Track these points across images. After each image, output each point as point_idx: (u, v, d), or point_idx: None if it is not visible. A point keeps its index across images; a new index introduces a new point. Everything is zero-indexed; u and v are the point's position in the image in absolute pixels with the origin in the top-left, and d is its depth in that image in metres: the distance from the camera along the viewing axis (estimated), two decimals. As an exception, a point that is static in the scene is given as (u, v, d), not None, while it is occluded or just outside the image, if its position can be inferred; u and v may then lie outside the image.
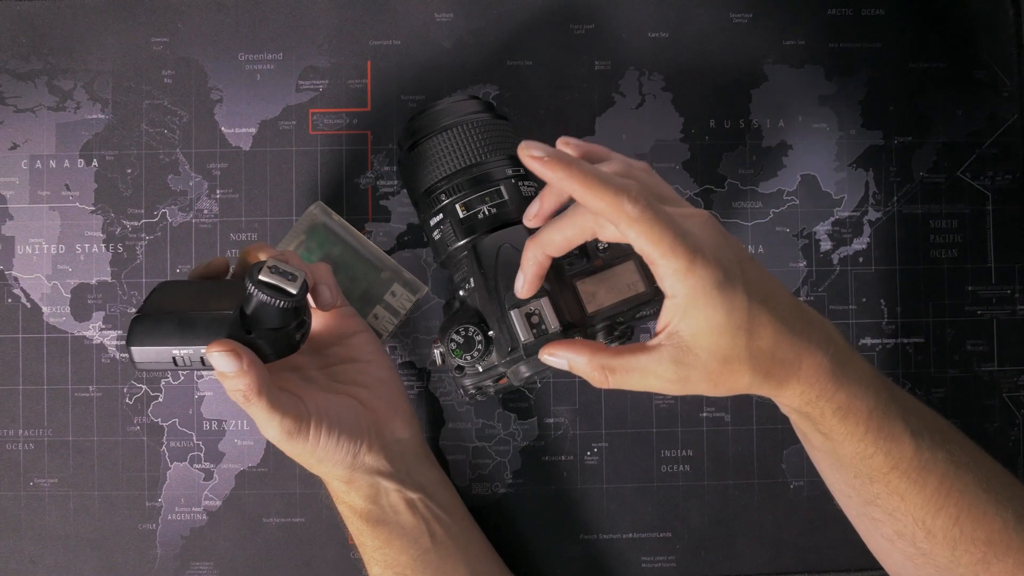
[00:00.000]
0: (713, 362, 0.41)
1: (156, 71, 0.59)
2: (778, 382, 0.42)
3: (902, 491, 0.44)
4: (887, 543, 0.46)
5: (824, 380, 0.42)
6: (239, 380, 0.44)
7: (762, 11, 0.60)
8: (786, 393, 0.42)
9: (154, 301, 0.47)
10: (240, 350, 0.44)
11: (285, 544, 0.58)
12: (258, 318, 0.46)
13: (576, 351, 0.43)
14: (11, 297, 0.58)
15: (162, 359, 0.45)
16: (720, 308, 0.40)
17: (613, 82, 0.60)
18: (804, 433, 0.46)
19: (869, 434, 0.43)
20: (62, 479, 0.58)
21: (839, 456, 0.45)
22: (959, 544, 0.44)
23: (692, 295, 0.40)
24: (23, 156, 0.59)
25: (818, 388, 0.42)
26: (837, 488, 0.48)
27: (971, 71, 0.60)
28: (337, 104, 0.59)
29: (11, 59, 0.59)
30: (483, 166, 0.50)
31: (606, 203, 0.39)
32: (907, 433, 0.44)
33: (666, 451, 0.59)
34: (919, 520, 0.44)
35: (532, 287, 0.45)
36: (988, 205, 0.60)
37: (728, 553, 0.59)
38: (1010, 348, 0.60)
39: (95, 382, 0.58)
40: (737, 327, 0.40)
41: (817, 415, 0.43)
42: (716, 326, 0.40)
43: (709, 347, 0.41)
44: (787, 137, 0.60)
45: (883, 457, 0.44)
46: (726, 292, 0.40)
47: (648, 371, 0.42)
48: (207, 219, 0.59)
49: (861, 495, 0.46)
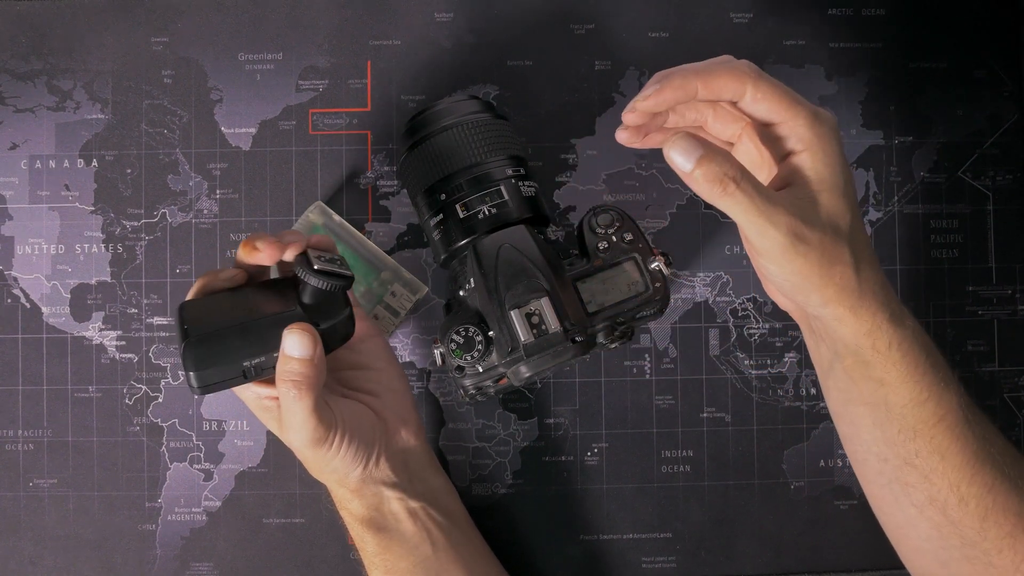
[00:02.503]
0: (828, 224, 0.41)
1: (156, 71, 0.59)
2: (860, 286, 0.42)
3: (944, 448, 0.44)
4: (915, 511, 0.46)
5: (894, 303, 0.43)
6: (305, 368, 0.43)
7: (762, 11, 0.60)
8: (864, 306, 0.42)
9: (195, 322, 0.44)
10: (316, 336, 0.44)
11: (285, 544, 0.58)
12: (320, 309, 0.45)
13: (709, 145, 0.40)
14: (10, 297, 0.58)
15: (230, 375, 0.44)
16: (842, 167, 0.42)
17: (613, 82, 0.60)
18: (852, 384, 0.45)
19: (927, 376, 0.43)
20: (62, 480, 0.58)
21: (889, 406, 0.44)
22: (990, 515, 0.44)
23: (821, 144, 0.41)
24: (23, 156, 0.59)
25: (890, 310, 0.43)
26: (873, 452, 0.47)
27: (971, 71, 0.60)
28: (337, 104, 0.59)
29: (11, 59, 0.59)
30: (483, 166, 0.50)
31: (727, 80, 0.42)
32: (953, 384, 0.44)
33: (666, 451, 0.59)
34: (954, 484, 0.44)
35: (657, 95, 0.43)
36: (989, 205, 0.60)
37: (728, 554, 0.59)
38: (1011, 348, 0.60)
39: (95, 382, 0.58)
40: (851, 196, 0.42)
41: (883, 347, 0.43)
42: (837, 184, 0.42)
43: (828, 205, 0.41)
44: (787, 137, 0.60)
45: (934, 405, 0.44)
46: (844, 157, 0.42)
47: (776, 201, 0.40)
48: (207, 219, 0.59)
49: (900, 455, 0.45)
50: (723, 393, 0.59)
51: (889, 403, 0.44)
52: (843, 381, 0.46)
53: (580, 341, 0.47)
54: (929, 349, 0.44)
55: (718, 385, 0.59)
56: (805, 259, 0.41)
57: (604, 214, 0.49)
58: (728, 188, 0.39)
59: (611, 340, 0.48)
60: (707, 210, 0.59)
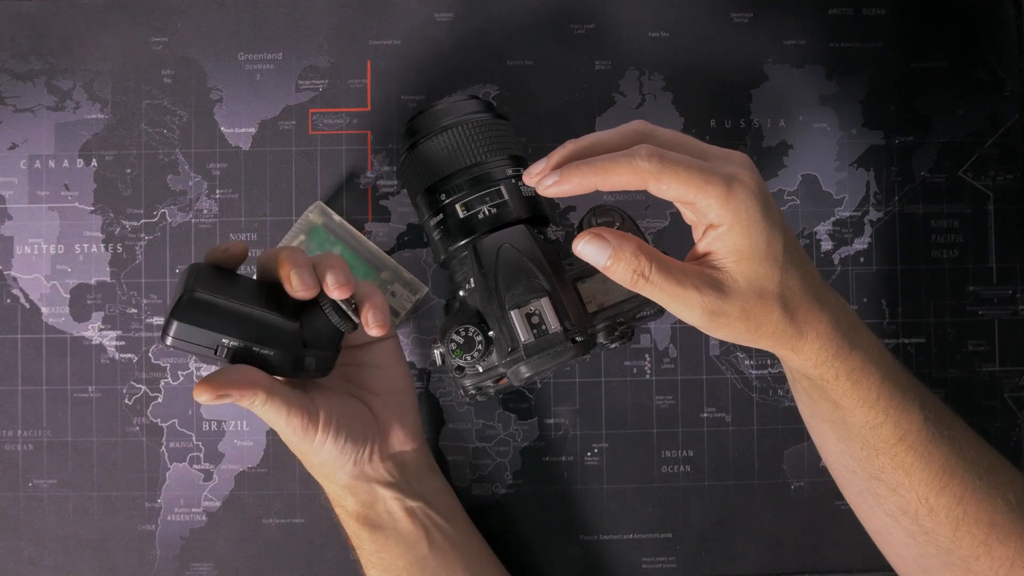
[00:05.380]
0: (750, 291, 0.41)
1: (156, 71, 0.59)
2: (799, 331, 0.42)
3: (908, 465, 0.44)
4: (890, 520, 0.46)
5: (840, 339, 0.43)
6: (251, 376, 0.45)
7: (762, 11, 0.60)
8: (804, 347, 0.43)
9: (202, 284, 0.45)
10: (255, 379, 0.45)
11: (285, 545, 0.58)
12: (317, 335, 0.47)
13: (623, 237, 0.42)
14: (10, 297, 0.58)
15: (204, 343, 0.45)
16: (762, 233, 0.41)
17: (613, 82, 0.60)
18: (813, 402, 0.46)
19: (880, 401, 0.44)
20: (61, 480, 0.58)
21: (848, 425, 0.45)
22: (961, 524, 0.44)
23: (736, 218, 0.41)
24: (22, 156, 0.59)
25: (835, 346, 0.43)
26: (842, 463, 0.48)
27: (972, 71, 0.60)
28: (337, 104, 0.59)
29: (10, 59, 0.59)
30: (483, 166, 0.50)
31: (625, 176, 0.40)
32: (916, 404, 0.44)
33: (666, 452, 0.59)
34: (923, 497, 0.44)
35: (550, 169, 0.43)
36: (989, 205, 0.60)
37: (729, 554, 0.59)
38: (1011, 348, 0.59)
39: (94, 383, 0.58)
40: (775, 258, 0.41)
41: (831, 378, 0.43)
42: (758, 251, 0.41)
43: (748, 274, 0.41)
44: (788, 137, 0.60)
45: (892, 427, 0.44)
46: (767, 220, 0.41)
47: (687, 285, 0.41)
48: (207, 219, 0.59)
49: (866, 469, 0.45)
50: (723, 393, 0.59)
51: (848, 423, 0.45)
52: (804, 397, 0.47)
53: (580, 341, 0.47)
54: (886, 371, 0.44)
55: (718, 385, 0.59)
56: (728, 328, 0.42)
57: (604, 214, 0.49)
58: (639, 283, 0.41)
59: (611, 340, 0.48)
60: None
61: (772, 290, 0.41)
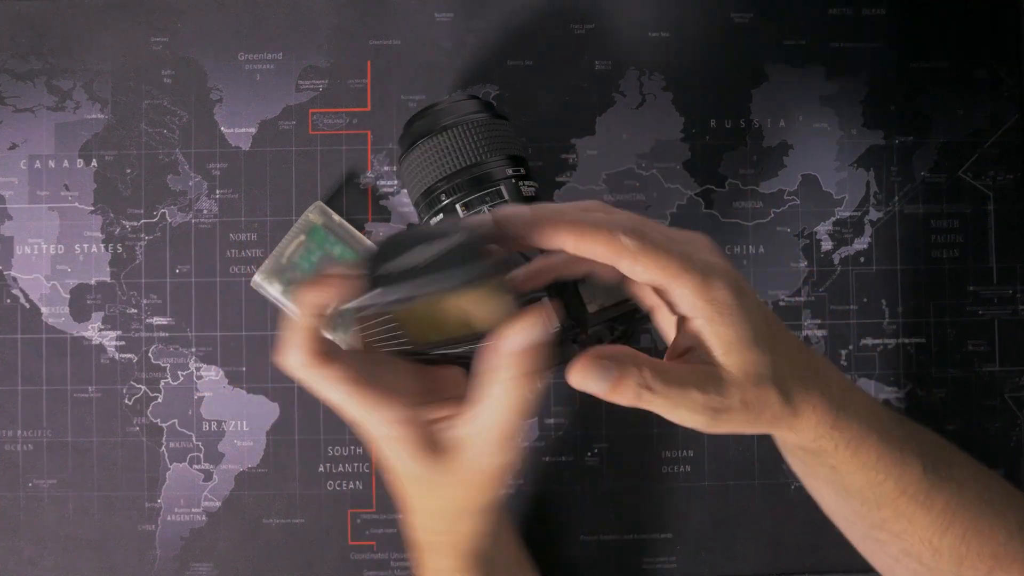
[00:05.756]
0: (747, 381, 0.39)
1: (156, 71, 0.59)
2: (795, 410, 0.41)
3: (910, 514, 0.44)
4: (892, 561, 0.46)
5: (835, 410, 0.41)
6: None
7: (762, 11, 0.60)
8: (801, 425, 0.41)
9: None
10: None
11: (285, 545, 0.58)
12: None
13: (618, 354, 0.39)
14: (10, 297, 0.58)
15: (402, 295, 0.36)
16: (745, 320, 0.39)
17: (613, 82, 0.60)
18: (807, 467, 0.45)
19: (880, 462, 0.43)
20: (61, 480, 0.58)
21: (846, 487, 0.44)
22: (965, 560, 0.44)
23: (716, 310, 0.38)
24: (22, 156, 0.59)
25: (831, 418, 0.41)
26: (840, 515, 0.47)
27: (972, 71, 0.60)
28: (337, 104, 0.59)
29: (10, 59, 0.59)
30: (483, 166, 0.50)
31: (602, 247, 0.38)
32: (914, 455, 0.44)
33: (666, 452, 0.59)
34: (926, 540, 0.44)
35: (533, 280, 0.42)
36: (989, 205, 0.60)
37: (729, 554, 0.59)
38: (1011, 348, 0.59)
39: (94, 383, 0.58)
40: (762, 340, 0.39)
41: (830, 448, 0.42)
42: (744, 338, 0.39)
43: (741, 363, 0.39)
44: (788, 137, 0.60)
45: (893, 483, 0.43)
46: (744, 305, 0.39)
47: (689, 386, 0.39)
48: (207, 219, 0.59)
49: (867, 521, 0.45)
50: (723, 393, 0.59)
51: (846, 485, 0.44)
52: (800, 465, 0.46)
53: (581, 341, 0.47)
54: (883, 429, 0.43)
55: (718, 385, 0.59)
56: (729, 423, 0.40)
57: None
58: (643, 397, 0.39)
59: (612, 340, 0.48)
60: (707, 210, 0.59)
61: (767, 375, 0.39)
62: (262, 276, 0.57)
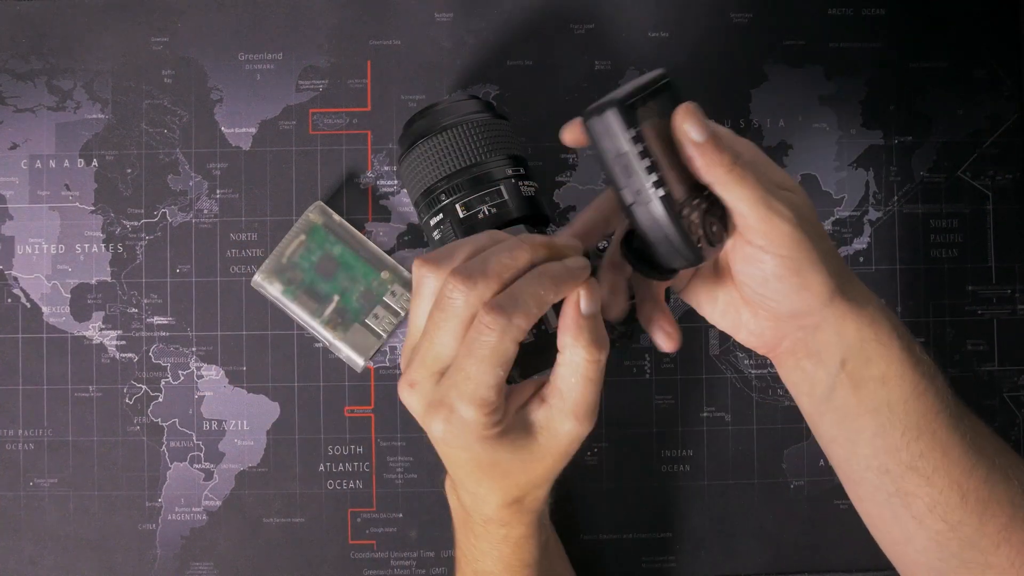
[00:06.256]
0: (784, 270, 0.41)
1: (156, 71, 0.59)
2: (850, 274, 0.43)
3: (945, 442, 0.44)
4: (914, 524, 0.45)
5: (879, 300, 0.44)
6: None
7: (762, 11, 0.60)
8: (859, 295, 0.43)
9: None
10: None
11: (285, 544, 0.58)
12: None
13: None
14: (11, 297, 0.58)
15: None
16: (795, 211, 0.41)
17: (613, 82, 0.60)
18: (855, 391, 0.44)
19: (921, 364, 0.43)
20: (62, 479, 0.58)
21: (891, 406, 0.44)
22: (988, 507, 0.44)
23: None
24: (23, 156, 0.59)
25: (875, 297, 0.43)
26: (874, 466, 0.46)
27: (971, 71, 0.60)
28: (337, 104, 0.59)
29: (10, 59, 0.59)
30: (483, 166, 0.50)
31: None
32: (941, 370, 0.45)
33: (666, 451, 0.59)
34: (955, 480, 0.44)
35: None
36: (988, 205, 0.60)
37: (728, 553, 0.59)
38: (1010, 348, 0.60)
39: (95, 382, 0.58)
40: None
41: (885, 338, 0.43)
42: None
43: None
44: (787, 137, 0.60)
45: (934, 394, 0.44)
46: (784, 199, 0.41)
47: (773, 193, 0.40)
48: (207, 219, 0.59)
49: (903, 460, 0.44)
50: (723, 393, 0.59)
51: (891, 403, 0.44)
52: (843, 396, 0.45)
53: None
54: (912, 337, 0.45)
55: (718, 384, 0.59)
56: (810, 243, 0.41)
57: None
58: (735, 166, 0.40)
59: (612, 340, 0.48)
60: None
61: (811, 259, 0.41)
62: (262, 276, 0.57)
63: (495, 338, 0.37)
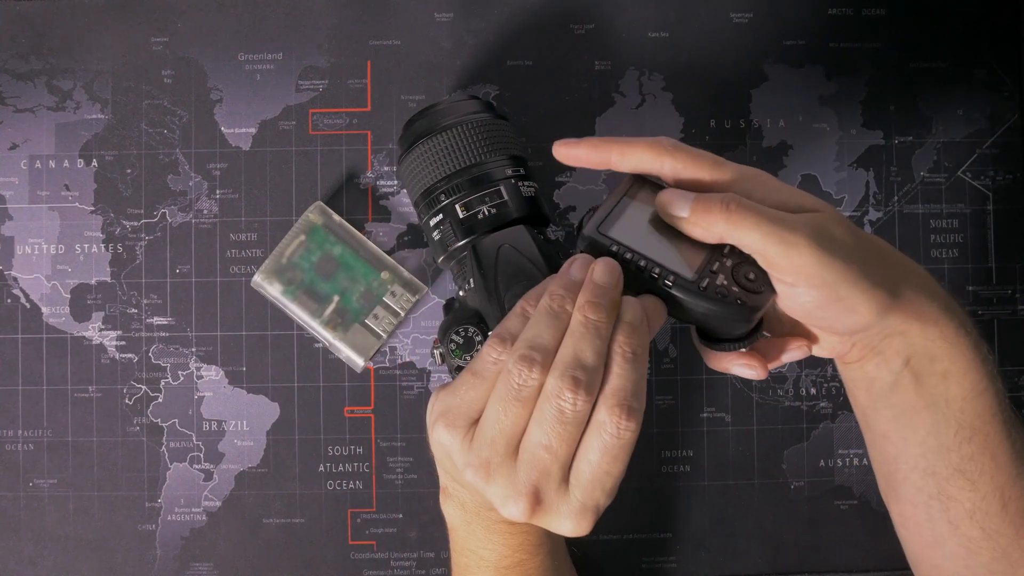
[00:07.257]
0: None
1: (156, 71, 0.59)
2: (916, 291, 0.42)
3: (995, 447, 0.43)
4: (949, 529, 0.44)
5: (946, 295, 0.43)
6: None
7: (762, 11, 0.60)
8: (933, 307, 0.42)
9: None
10: None
11: (285, 544, 0.58)
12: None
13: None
14: (10, 297, 0.58)
15: None
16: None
17: (613, 82, 0.60)
18: (916, 386, 0.44)
19: (986, 363, 0.42)
20: (61, 480, 0.58)
21: (949, 402, 0.43)
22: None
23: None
24: (23, 156, 0.59)
25: (941, 295, 0.42)
26: (921, 467, 0.45)
27: (971, 71, 0.60)
28: (337, 104, 0.59)
29: (10, 59, 0.59)
30: (483, 166, 0.50)
31: (646, 153, 0.41)
32: (999, 373, 0.44)
33: (666, 451, 0.59)
34: (999, 488, 0.43)
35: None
36: (989, 205, 0.60)
37: (728, 553, 0.59)
38: (1011, 348, 0.60)
39: (94, 383, 0.58)
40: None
41: (951, 335, 0.42)
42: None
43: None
44: (787, 137, 0.60)
45: (993, 394, 0.43)
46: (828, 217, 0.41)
47: (783, 220, 0.39)
48: (207, 219, 0.59)
49: (952, 462, 0.44)
50: (723, 393, 0.59)
51: (949, 399, 0.43)
52: (905, 391, 0.44)
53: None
54: (980, 334, 0.44)
55: (718, 385, 0.59)
56: (841, 263, 0.39)
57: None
58: (731, 208, 0.39)
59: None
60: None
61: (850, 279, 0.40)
62: (262, 276, 0.57)
63: (633, 436, 0.41)
